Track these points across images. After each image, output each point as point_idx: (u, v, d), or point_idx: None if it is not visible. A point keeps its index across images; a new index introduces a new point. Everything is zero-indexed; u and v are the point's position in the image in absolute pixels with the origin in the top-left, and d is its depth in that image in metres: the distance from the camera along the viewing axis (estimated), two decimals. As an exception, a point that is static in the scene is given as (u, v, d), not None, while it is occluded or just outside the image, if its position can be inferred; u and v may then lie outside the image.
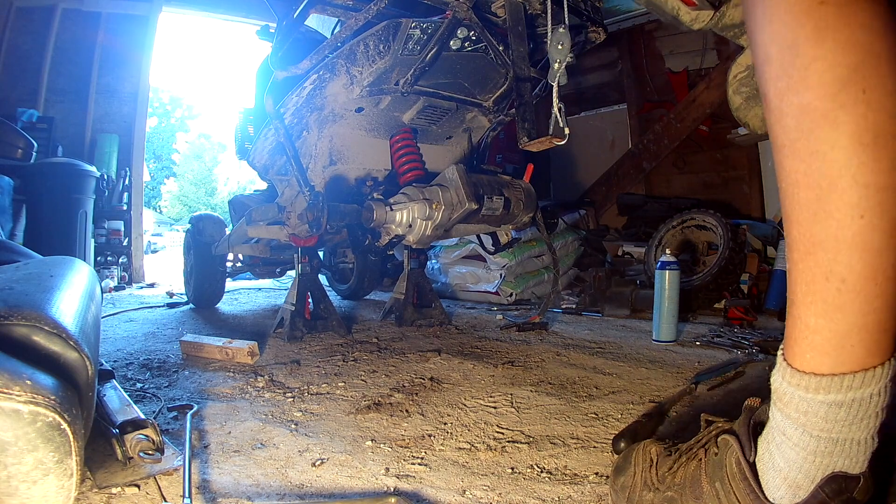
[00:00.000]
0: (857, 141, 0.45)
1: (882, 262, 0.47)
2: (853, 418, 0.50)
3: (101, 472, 0.81)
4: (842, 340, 0.49)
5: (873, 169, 0.45)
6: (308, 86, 1.52)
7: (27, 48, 4.06)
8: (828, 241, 0.48)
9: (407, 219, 1.67)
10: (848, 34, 0.44)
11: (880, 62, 0.44)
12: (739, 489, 0.56)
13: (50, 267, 0.97)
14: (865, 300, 0.48)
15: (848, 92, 0.44)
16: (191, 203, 29.56)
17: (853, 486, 0.51)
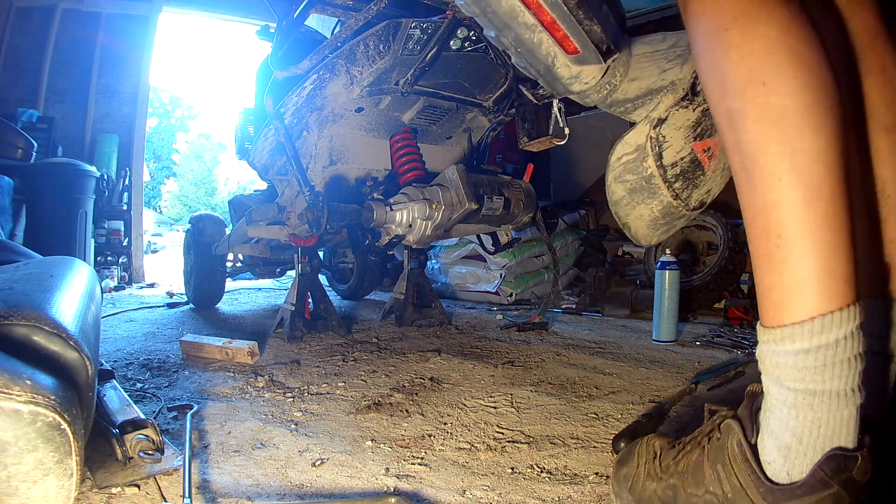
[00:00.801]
0: (766, 121, 0.54)
1: (809, 216, 0.53)
2: (822, 365, 0.52)
3: (101, 472, 0.81)
4: (792, 290, 0.54)
5: (781, 139, 0.54)
6: (308, 86, 1.53)
7: (27, 48, 4.06)
8: (760, 205, 0.56)
9: (407, 219, 1.68)
10: (744, 48, 0.55)
11: (776, 57, 0.54)
12: (740, 469, 0.57)
13: (50, 267, 0.97)
14: (802, 251, 0.53)
15: (752, 88, 0.55)
16: (191, 203, 29.56)
17: (852, 464, 0.51)
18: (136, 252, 4.51)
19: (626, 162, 0.91)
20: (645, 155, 0.89)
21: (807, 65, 0.53)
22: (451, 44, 1.51)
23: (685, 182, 0.91)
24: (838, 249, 0.53)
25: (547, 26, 0.76)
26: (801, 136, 0.53)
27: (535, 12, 0.75)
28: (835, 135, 0.53)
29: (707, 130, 0.92)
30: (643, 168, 0.90)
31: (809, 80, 0.53)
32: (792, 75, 0.53)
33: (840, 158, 0.54)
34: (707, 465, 0.60)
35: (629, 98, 0.91)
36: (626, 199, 0.92)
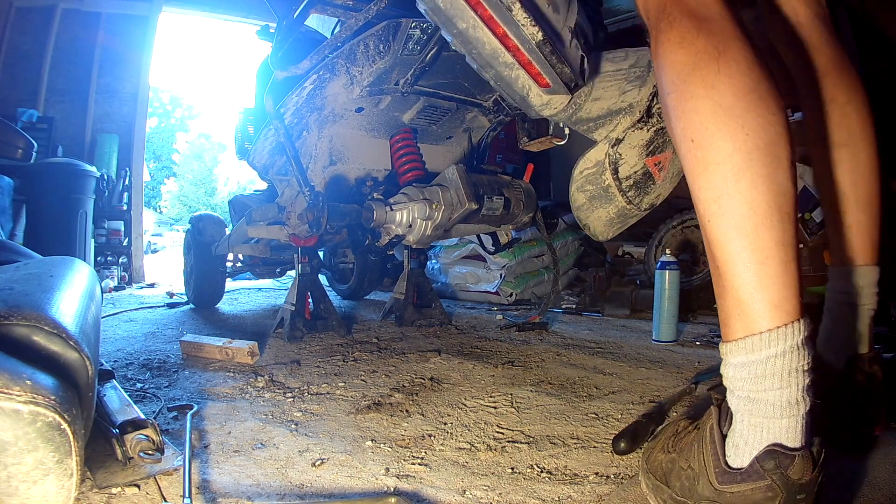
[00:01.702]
0: (696, 172, 0.63)
1: (736, 251, 0.60)
2: (756, 377, 0.60)
3: (101, 472, 0.81)
4: (731, 313, 0.62)
5: (707, 187, 0.62)
6: (308, 86, 1.52)
7: (27, 48, 4.06)
8: (706, 239, 0.64)
9: (407, 219, 1.68)
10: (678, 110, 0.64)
11: (701, 116, 0.61)
12: (707, 450, 0.65)
13: (50, 267, 0.97)
14: (733, 281, 0.61)
15: (685, 144, 0.63)
16: (191, 203, 29.56)
17: (787, 463, 0.57)
18: (136, 252, 4.51)
19: (587, 175, 1.05)
20: (603, 169, 1.04)
21: (728, 114, 0.60)
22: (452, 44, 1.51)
23: (637, 190, 1.06)
24: (766, 278, 0.59)
25: (524, 65, 0.87)
26: (722, 181, 0.60)
27: (514, 54, 0.85)
28: (760, 173, 0.59)
29: (658, 147, 1.06)
30: (601, 180, 1.05)
31: (730, 130, 0.60)
32: (714, 129, 0.60)
33: (765, 194, 0.59)
34: (695, 443, 0.68)
35: (591, 117, 1.03)
36: (587, 205, 1.08)
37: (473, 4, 0.81)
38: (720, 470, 0.62)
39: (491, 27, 0.82)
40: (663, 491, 0.71)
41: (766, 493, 0.58)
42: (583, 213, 1.08)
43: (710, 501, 0.63)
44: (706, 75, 0.61)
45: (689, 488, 0.66)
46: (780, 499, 0.57)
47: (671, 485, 0.70)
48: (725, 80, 0.60)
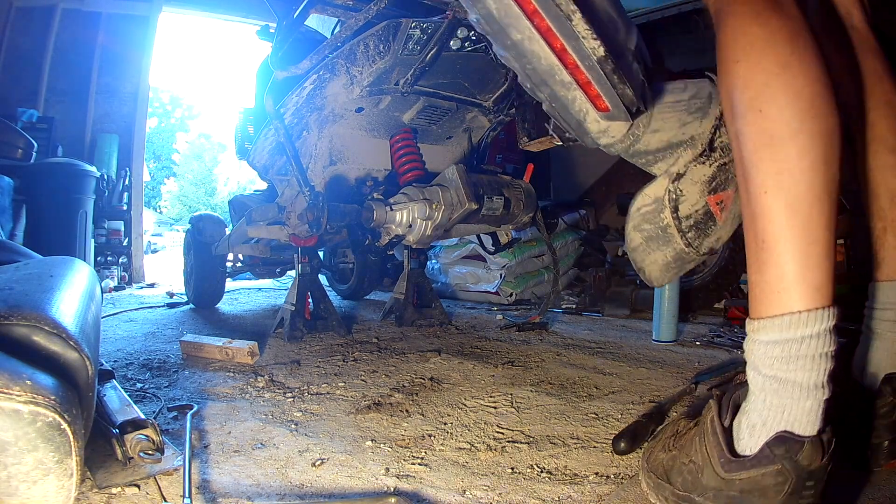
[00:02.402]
0: (759, 143, 0.63)
1: (788, 226, 0.61)
2: (788, 357, 0.60)
3: (101, 472, 0.81)
4: (770, 289, 0.63)
5: (770, 159, 0.62)
6: (308, 86, 1.52)
7: (27, 48, 4.06)
8: (751, 214, 0.64)
9: (407, 219, 1.67)
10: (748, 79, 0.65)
11: (773, 89, 0.63)
12: (710, 442, 0.66)
13: (50, 267, 0.97)
14: (779, 257, 0.61)
15: (752, 114, 0.64)
16: (191, 203, 29.56)
17: (797, 448, 0.58)
18: (136, 252, 4.51)
19: (644, 213, 0.97)
20: (662, 207, 0.96)
21: (798, 96, 0.61)
22: (451, 44, 1.51)
23: (698, 232, 0.98)
24: (812, 259, 0.60)
25: (582, 85, 0.81)
26: (786, 157, 0.61)
27: (572, 71, 0.79)
28: (820, 157, 0.61)
29: (721, 185, 0.98)
30: (660, 219, 0.97)
31: (799, 110, 0.61)
32: (784, 105, 0.62)
33: (822, 178, 0.61)
34: (696, 438, 0.70)
35: (650, 150, 0.96)
36: (643, 246, 0.99)
37: (530, 13, 0.76)
38: (725, 459, 0.63)
39: (548, 39, 0.78)
40: (664, 488, 0.72)
41: (775, 479, 0.58)
42: (638, 255, 1.00)
43: (717, 491, 0.63)
44: (780, 53, 0.62)
45: (693, 482, 0.67)
46: (789, 484, 0.58)
47: (672, 481, 0.71)
48: (797, 63, 0.62)
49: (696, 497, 0.66)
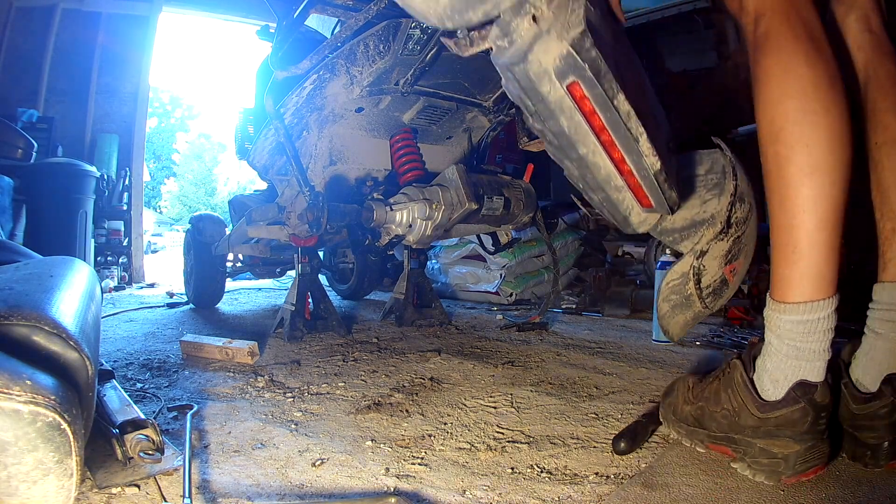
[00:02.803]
0: (803, 173, 0.76)
1: (816, 238, 0.77)
2: (808, 332, 0.79)
3: (101, 472, 0.81)
4: (797, 282, 0.79)
5: (810, 186, 0.76)
6: (308, 86, 1.52)
7: (27, 48, 4.05)
8: (786, 224, 0.79)
9: (407, 219, 1.67)
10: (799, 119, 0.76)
11: (820, 132, 0.75)
12: (742, 392, 0.83)
13: (50, 267, 0.97)
14: (808, 259, 0.78)
15: (800, 146, 0.76)
16: (191, 203, 29.55)
17: (813, 390, 0.78)
18: (136, 252, 4.51)
19: (672, 286, 1.12)
20: (687, 280, 1.11)
21: (836, 136, 0.75)
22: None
23: (714, 296, 1.14)
24: (830, 261, 0.78)
25: (632, 188, 0.91)
26: (822, 185, 0.75)
27: (626, 178, 0.88)
28: (844, 185, 0.76)
29: (735, 256, 1.14)
30: (685, 290, 1.12)
31: (836, 148, 0.75)
32: (826, 143, 0.75)
33: (843, 200, 0.76)
34: (722, 391, 0.87)
35: (676, 228, 1.10)
36: (670, 313, 1.14)
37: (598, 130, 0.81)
38: (759, 403, 0.81)
39: (610, 153, 0.85)
40: (698, 433, 0.90)
41: (801, 413, 0.77)
42: (664, 320, 1.15)
43: (755, 428, 0.81)
44: (825, 96, 0.75)
45: (730, 424, 0.84)
46: (810, 416, 0.77)
47: (707, 426, 0.88)
48: (835, 107, 0.75)
49: (734, 435, 0.84)
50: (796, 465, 0.78)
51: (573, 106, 0.80)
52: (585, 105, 0.79)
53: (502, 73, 0.82)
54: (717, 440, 0.87)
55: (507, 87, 0.84)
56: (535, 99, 0.81)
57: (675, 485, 0.81)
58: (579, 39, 0.75)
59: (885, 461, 0.82)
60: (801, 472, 0.78)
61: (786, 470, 0.79)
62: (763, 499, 0.77)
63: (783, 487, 0.79)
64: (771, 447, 0.80)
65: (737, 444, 0.84)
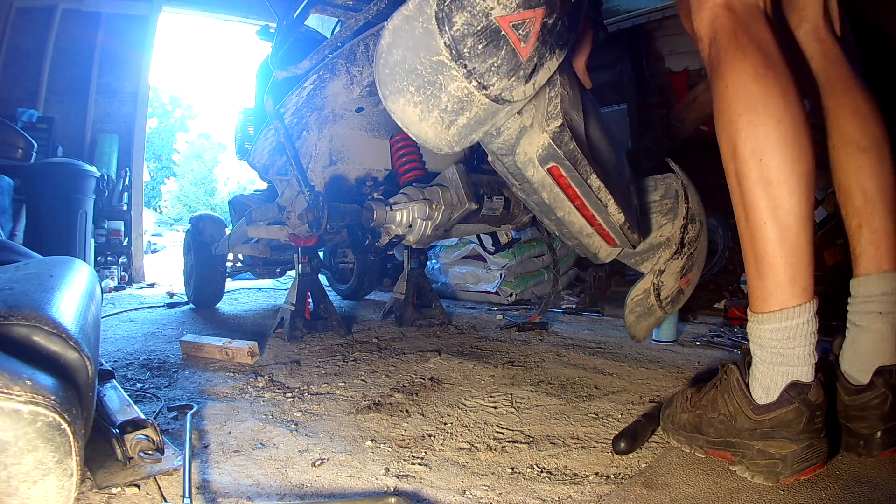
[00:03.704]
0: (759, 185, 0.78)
1: (781, 248, 0.78)
2: (788, 338, 0.79)
3: (101, 472, 0.81)
4: (769, 292, 0.81)
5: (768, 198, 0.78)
6: (308, 86, 1.52)
7: (27, 48, 4.05)
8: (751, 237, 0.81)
9: (407, 219, 1.67)
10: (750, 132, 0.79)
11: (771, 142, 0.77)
12: (738, 396, 0.85)
13: (50, 267, 0.97)
14: (775, 269, 0.79)
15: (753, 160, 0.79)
16: (191, 203, 29.54)
17: (807, 390, 0.78)
18: (136, 252, 4.51)
19: (637, 301, 1.28)
20: (648, 295, 1.27)
21: (790, 146, 0.76)
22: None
23: (672, 304, 1.31)
24: (800, 267, 0.79)
25: (601, 234, 1.08)
26: (779, 196, 0.77)
27: (597, 229, 1.05)
28: (803, 193, 0.77)
29: (689, 269, 1.30)
30: (647, 302, 1.28)
31: (790, 158, 0.76)
32: (779, 155, 0.77)
33: (805, 208, 0.78)
34: (719, 396, 0.88)
35: (637, 253, 1.24)
36: (635, 322, 1.30)
37: (573, 198, 0.97)
38: (754, 406, 0.82)
39: (583, 213, 1.01)
40: (697, 439, 0.90)
41: (796, 413, 0.78)
42: (631, 328, 1.31)
43: (751, 430, 0.82)
44: (776, 109, 0.77)
45: (726, 428, 0.85)
46: (805, 416, 0.78)
47: (705, 432, 0.89)
48: (788, 118, 0.76)
49: (732, 439, 0.85)
50: (794, 464, 0.79)
51: (553, 182, 0.93)
52: (563, 181, 0.93)
53: (491, 156, 0.91)
54: (716, 445, 0.87)
55: (494, 165, 0.94)
56: (520, 180, 0.93)
57: (675, 485, 0.81)
58: (559, 133, 0.86)
59: (878, 451, 0.85)
60: (800, 471, 0.79)
61: (784, 470, 0.79)
62: (763, 499, 0.77)
63: (783, 487, 0.79)
64: (768, 448, 0.80)
65: (735, 447, 0.84)
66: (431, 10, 0.71)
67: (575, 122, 0.92)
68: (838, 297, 0.97)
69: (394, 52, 0.73)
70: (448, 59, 0.72)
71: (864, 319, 0.89)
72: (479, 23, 0.71)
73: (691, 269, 1.30)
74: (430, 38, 0.72)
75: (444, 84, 0.74)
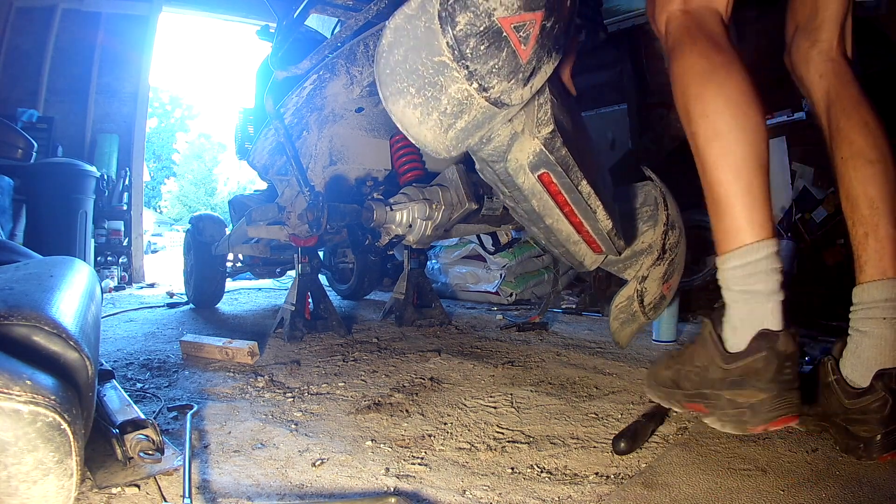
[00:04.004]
0: (709, 137, 0.87)
1: (734, 189, 0.85)
2: (750, 274, 0.83)
3: (101, 472, 0.81)
4: (728, 231, 0.85)
5: (718, 146, 0.86)
6: (308, 86, 1.52)
7: (27, 48, 4.05)
8: (708, 183, 0.88)
9: (407, 219, 1.67)
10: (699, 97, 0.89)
11: (715, 101, 0.87)
12: (710, 346, 0.88)
13: (50, 267, 0.97)
14: (732, 209, 0.85)
15: (703, 119, 0.87)
16: (191, 203, 29.54)
17: (775, 338, 0.80)
18: (136, 252, 4.51)
19: (620, 308, 1.31)
20: (632, 301, 1.30)
21: (731, 104, 0.86)
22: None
23: (655, 310, 1.35)
24: (755, 208, 0.84)
25: (588, 242, 1.09)
26: (727, 143, 0.85)
27: (584, 236, 1.07)
28: (750, 141, 0.85)
29: (670, 275, 1.33)
30: (631, 309, 1.31)
31: (732, 114, 0.85)
32: (723, 111, 0.86)
33: (753, 153, 0.84)
34: (695, 351, 0.91)
35: (620, 260, 1.27)
36: (620, 328, 1.33)
37: (562, 205, 0.98)
38: (724, 356, 0.85)
39: (571, 220, 1.02)
40: (675, 394, 0.94)
41: (764, 362, 0.80)
42: (616, 334, 1.34)
43: (722, 380, 0.85)
44: (718, 78, 0.87)
45: (700, 380, 0.88)
46: (773, 365, 0.79)
47: (682, 386, 0.92)
48: (730, 84, 0.86)
49: (705, 390, 0.88)
50: (762, 413, 0.80)
51: (543, 189, 0.95)
52: (553, 188, 0.95)
53: (479, 164, 0.92)
54: (692, 398, 0.91)
55: (483, 174, 0.94)
56: (510, 187, 0.93)
57: (675, 485, 0.81)
58: (550, 139, 0.88)
59: (878, 454, 0.85)
60: (768, 420, 0.80)
61: (752, 419, 0.81)
62: (763, 499, 0.77)
63: (783, 487, 0.79)
64: (737, 397, 0.82)
65: (707, 398, 0.87)
66: (434, 9, 0.70)
67: (565, 128, 0.93)
68: (838, 297, 0.98)
69: (395, 52, 0.72)
70: (450, 59, 0.71)
71: (868, 325, 0.90)
72: (482, 23, 0.71)
73: (673, 275, 1.34)
74: (433, 37, 0.71)
75: (444, 86, 0.73)
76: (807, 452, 0.91)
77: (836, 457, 0.89)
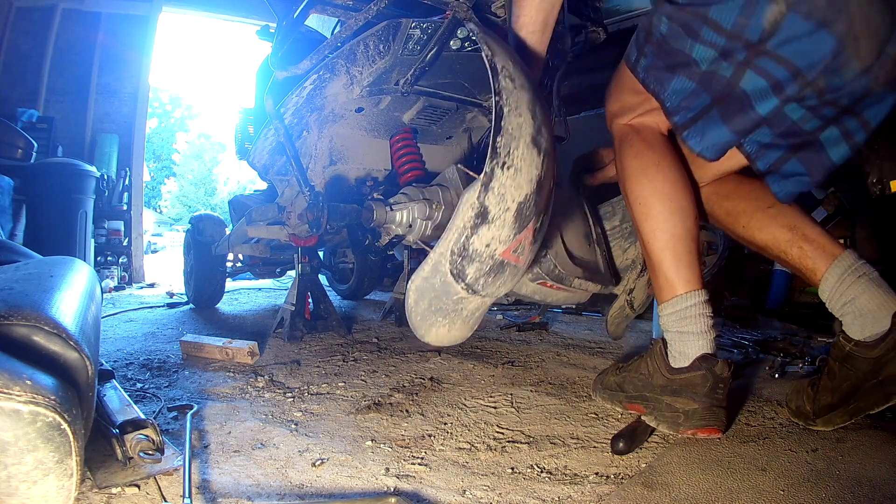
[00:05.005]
0: (643, 217, 1.07)
1: (664, 257, 1.03)
2: (682, 318, 0.99)
3: (101, 472, 0.81)
4: (662, 287, 1.03)
5: (650, 224, 1.05)
6: (308, 86, 1.52)
7: (27, 48, 4.05)
8: (646, 250, 1.07)
9: (407, 219, 1.67)
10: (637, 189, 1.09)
11: (644, 193, 1.07)
12: (658, 359, 1.03)
13: (50, 267, 0.97)
14: (663, 271, 1.03)
15: (638, 206, 1.08)
16: (191, 203, 29.53)
17: (714, 362, 0.96)
18: (136, 252, 4.51)
19: (614, 316, 1.46)
20: (624, 309, 1.45)
21: (660, 195, 1.04)
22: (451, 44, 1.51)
23: (643, 306, 1.47)
24: (680, 267, 1.01)
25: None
26: (657, 223, 1.04)
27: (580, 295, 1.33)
28: (676, 221, 1.03)
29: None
30: (623, 314, 1.46)
31: (660, 202, 1.04)
32: (654, 201, 1.05)
33: (680, 229, 1.02)
34: (643, 363, 1.07)
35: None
36: (615, 328, 1.49)
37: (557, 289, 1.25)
38: (669, 367, 1.00)
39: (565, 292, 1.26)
40: (618, 395, 1.10)
41: (702, 378, 0.95)
42: (613, 333, 1.50)
43: (663, 387, 1.00)
44: (650, 174, 1.06)
45: (644, 385, 1.04)
46: (709, 382, 0.95)
47: (626, 390, 1.09)
48: (660, 178, 1.06)
49: (647, 394, 1.03)
50: (693, 420, 0.95)
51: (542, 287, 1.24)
52: (551, 286, 1.24)
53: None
54: (633, 399, 1.06)
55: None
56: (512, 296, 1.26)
57: (675, 485, 0.81)
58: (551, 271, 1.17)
59: None
60: (697, 427, 0.95)
61: (685, 423, 0.96)
62: (763, 498, 0.77)
63: (783, 487, 0.79)
64: (675, 403, 0.98)
65: (648, 401, 1.02)
66: (446, 269, 0.92)
67: (560, 254, 1.19)
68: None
69: (420, 305, 1.00)
70: (466, 294, 0.94)
71: (853, 291, 0.96)
72: (487, 264, 0.90)
73: None
74: (449, 287, 0.94)
75: (464, 307, 0.98)
76: (807, 452, 0.91)
77: (836, 457, 0.89)
